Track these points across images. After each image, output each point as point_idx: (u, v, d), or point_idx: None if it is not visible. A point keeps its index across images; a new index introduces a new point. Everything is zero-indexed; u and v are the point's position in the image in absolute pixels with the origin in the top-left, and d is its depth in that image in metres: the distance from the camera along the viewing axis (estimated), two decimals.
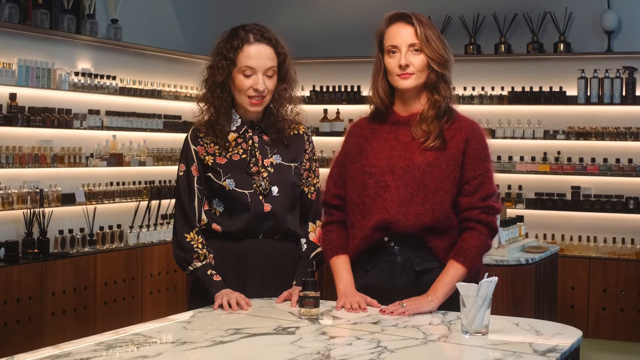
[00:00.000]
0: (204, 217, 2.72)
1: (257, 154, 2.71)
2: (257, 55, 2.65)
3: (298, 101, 2.81)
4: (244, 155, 2.71)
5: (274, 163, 2.72)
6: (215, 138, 2.69)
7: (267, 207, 2.68)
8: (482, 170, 2.57)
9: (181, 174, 2.73)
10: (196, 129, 2.75)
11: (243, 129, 2.73)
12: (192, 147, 2.73)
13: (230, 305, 2.49)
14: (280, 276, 2.72)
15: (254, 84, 2.64)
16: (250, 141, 2.72)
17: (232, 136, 2.71)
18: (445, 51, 2.59)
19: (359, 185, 2.62)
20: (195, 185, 2.70)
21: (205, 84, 2.73)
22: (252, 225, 2.68)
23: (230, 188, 2.67)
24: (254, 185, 2.67)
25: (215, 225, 2.70)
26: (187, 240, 2.66)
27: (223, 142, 2.70)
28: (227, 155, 2.70)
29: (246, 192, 2.67)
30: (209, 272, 2.64)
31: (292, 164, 2.75)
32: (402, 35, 2.57)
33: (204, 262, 2.65)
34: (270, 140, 2.74)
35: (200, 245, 2.66)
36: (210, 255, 2.67)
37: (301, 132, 2.81)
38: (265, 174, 2.69)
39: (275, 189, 2.69)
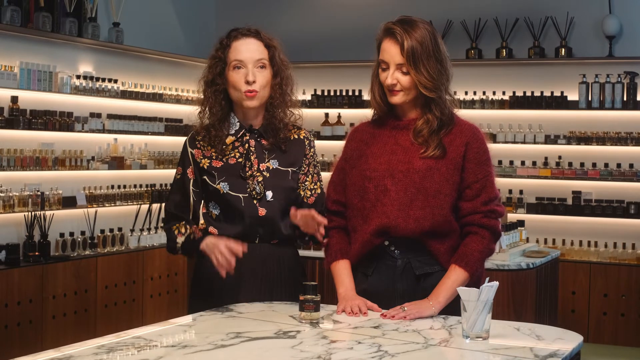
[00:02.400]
0: (202, 220, 2.74)
1: (253, 157, 2.69)
2: (245, 49, 2.67)
3: (297, 104, 2.79)
4: (240, 159, 2.70)
5: (270, 168, 2.71)
6: (211, 142, 2.70)
7: (262, 211, 2.67)
8: (483, 174, 2.56)
9: (178, 177, 2.77)
10: (195, 132, 2.76)
11: (241, 133, 2.72)
12: (189, 150, 2.74)
13: (225, 267, 2.57)
14: (275, 281, 2.70)
15: (245, 77, 2.65)
16: (247, 145, 2.71)
17: (229, 139, 2.71)
18: (439, 71, 2.52)
19: (359, 189, 2.61)
20: (191, 187, 2.72)
21: (201, 84, 2.75)
22: (248, 230, 2.67)
23: (225, 191, 2.67)
24: (248, 190, 2.67)
25: (212, 229, 2.70)
26: (173, 230, 2.72)
27: (220, 147, 2.69)
28: (224, 159, 2.70)
29: (240, 195, 2.67)
30: (191, 237, 2.68)
31: (289, 169, 2.73)
32: (391, 53, 2.53)
33: (185, 234, 2.70)
34: (269, 144, 2.73)
35: (183, 230, 2.71)
36: (194, 226, 2.71)
37: (302, 137, 2.79)
38: (260, 178, 2.68)
39: (269, 194, 2.68)
